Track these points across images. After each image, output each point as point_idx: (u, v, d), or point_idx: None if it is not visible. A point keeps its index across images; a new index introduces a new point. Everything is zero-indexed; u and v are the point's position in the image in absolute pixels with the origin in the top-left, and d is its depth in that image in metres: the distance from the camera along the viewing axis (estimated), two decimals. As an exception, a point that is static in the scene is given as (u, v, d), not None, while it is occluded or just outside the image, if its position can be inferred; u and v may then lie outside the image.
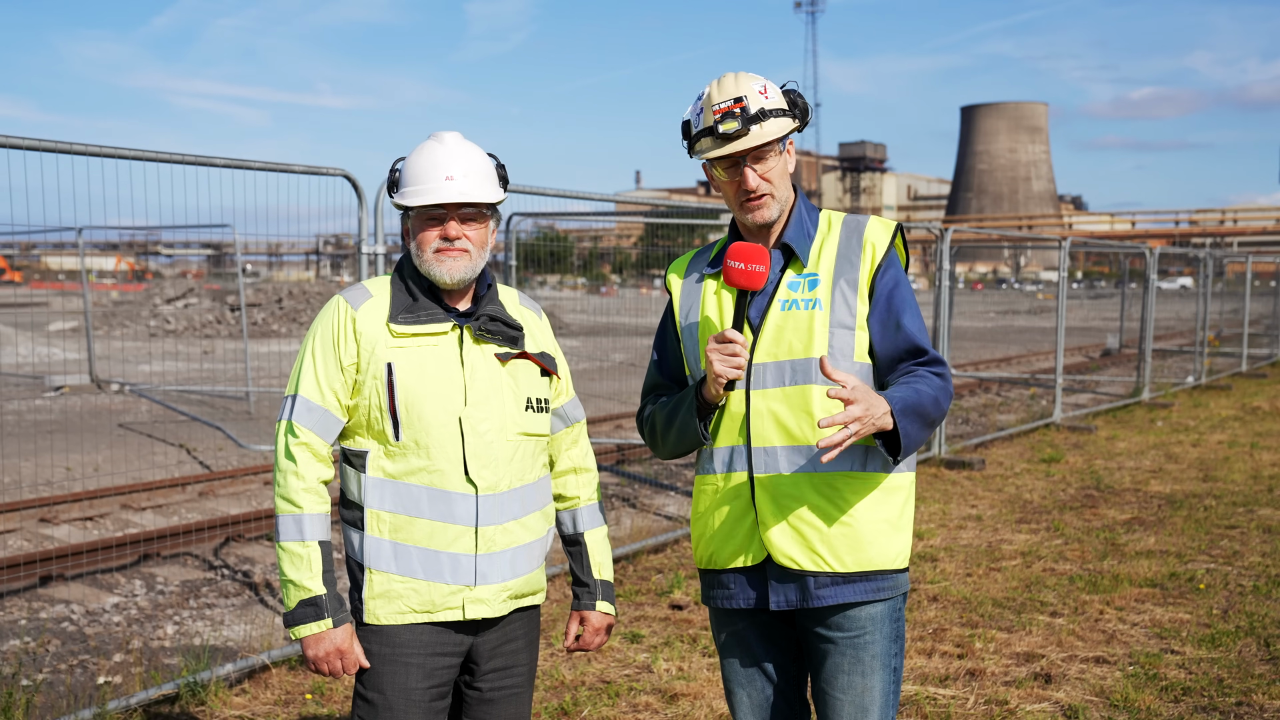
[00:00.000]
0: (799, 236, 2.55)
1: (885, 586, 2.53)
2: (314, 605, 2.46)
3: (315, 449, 2.51)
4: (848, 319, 2.49)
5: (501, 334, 2.60)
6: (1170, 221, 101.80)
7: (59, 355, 20.90)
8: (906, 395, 2.40)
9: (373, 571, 2.52)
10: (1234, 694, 4.67)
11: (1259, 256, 29.05)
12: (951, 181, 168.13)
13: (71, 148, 4.33)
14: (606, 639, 2.84)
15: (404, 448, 2.51)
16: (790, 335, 2.49)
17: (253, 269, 40.23)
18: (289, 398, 2.55)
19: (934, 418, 2.45)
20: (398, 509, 2.51)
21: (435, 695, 2.57)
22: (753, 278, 2.44)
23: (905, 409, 2.37)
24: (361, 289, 2.61)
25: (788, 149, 2.55)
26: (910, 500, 2.59)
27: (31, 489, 8.94)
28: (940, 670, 4.92)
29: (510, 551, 2.59)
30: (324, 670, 2.51)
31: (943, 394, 2.47)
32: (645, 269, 30.39)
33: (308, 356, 2.56)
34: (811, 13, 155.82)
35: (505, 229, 8.68)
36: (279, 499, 2.50)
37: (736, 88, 2.47)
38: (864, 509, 2.49)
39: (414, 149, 2.61)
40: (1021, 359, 23.21)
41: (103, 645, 5.47)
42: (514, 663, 2.67)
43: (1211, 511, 8.12)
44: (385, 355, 2.52)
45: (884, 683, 2.56)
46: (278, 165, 5.20)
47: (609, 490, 9.19)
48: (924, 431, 2.44)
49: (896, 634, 2.59)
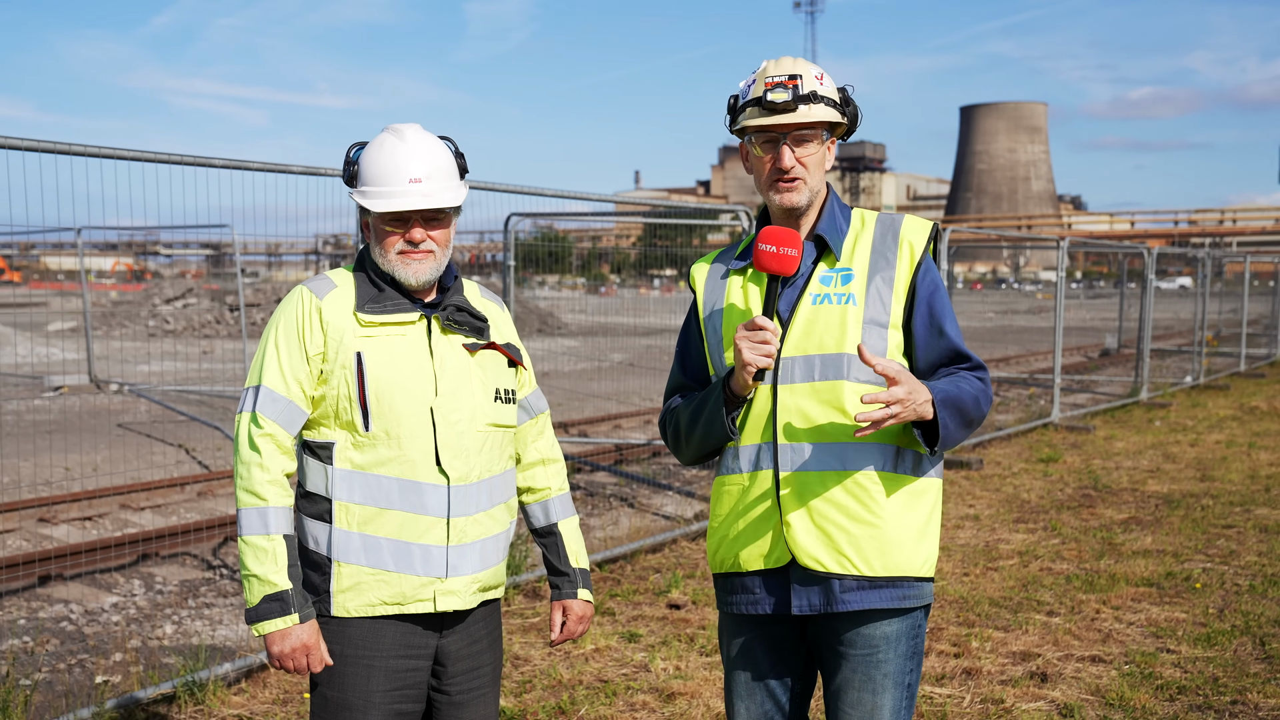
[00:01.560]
0: (832, 229, 2.50)
1: (910, 595, 2.46)
2: (279, 600, 2.40)
3: (279, 441, 2.45)
4: (882, 316, 2.44)
5: (468, 324, 2.58)
6: (1169, 221, 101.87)
7: (58, 355, 20.90)
8: (948, 388, 2.39)
9: (341, 564, 2.48)
10: (1229, 693, 4.68)
11: (1258, 256, 29.07)
12: (951, 181, 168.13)
13: (70, 148, 4.34)
14: (589, 627, 2.84)
15: (374, 438, 2.47)
16: (821, 330, 2.43)
17: (252, 269, 40.23)
18: (251, 389, 2.49)
19: (973, 417, 2.44)
20: (367, 501, 2.47)
21: (398, 699, 2.52)
22: (785, 261, 2.37)
23: (946, 400, 2.36)
24: (325, 279, 2.56)
25: (829, 145, 2.51)
26: (937, 507, 2.53)
27: (30, 489, 8.94)
28: (937, 669, 4.93)
29: (480, 543, 2.57)
30: (289, 667, 2.45)
31: (984, 396, 2.45)
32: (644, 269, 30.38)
33: (270, 347, 2.50)
34: (811, 13, 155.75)
35: (504, 229, 8.68)
36: (242, 491, 2.45)
37: (794, 66, 2.46)
38: (892, 511, 2.43)
39: (373, 141, 2.55)
40: (1020, 359, 23.22)
41: (101, 645, 5.48)
42: (480, 663, 2.66)
43: (1208, 511, 8.13)
44: (354, 345, 2.48)
45: (895, 701, 2.48)
46: (277, 165, 5.21)
47: (607, 490, 9.20)
48: (963, 429, 2.42)
49: (913, 650, 2.51)
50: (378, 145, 2.53)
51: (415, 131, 2.54)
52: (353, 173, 2.55)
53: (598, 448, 10.69)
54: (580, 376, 18.29)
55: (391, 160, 2.49)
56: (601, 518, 8.18)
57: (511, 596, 5.94)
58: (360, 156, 2.54)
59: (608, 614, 5.73)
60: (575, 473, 9.88)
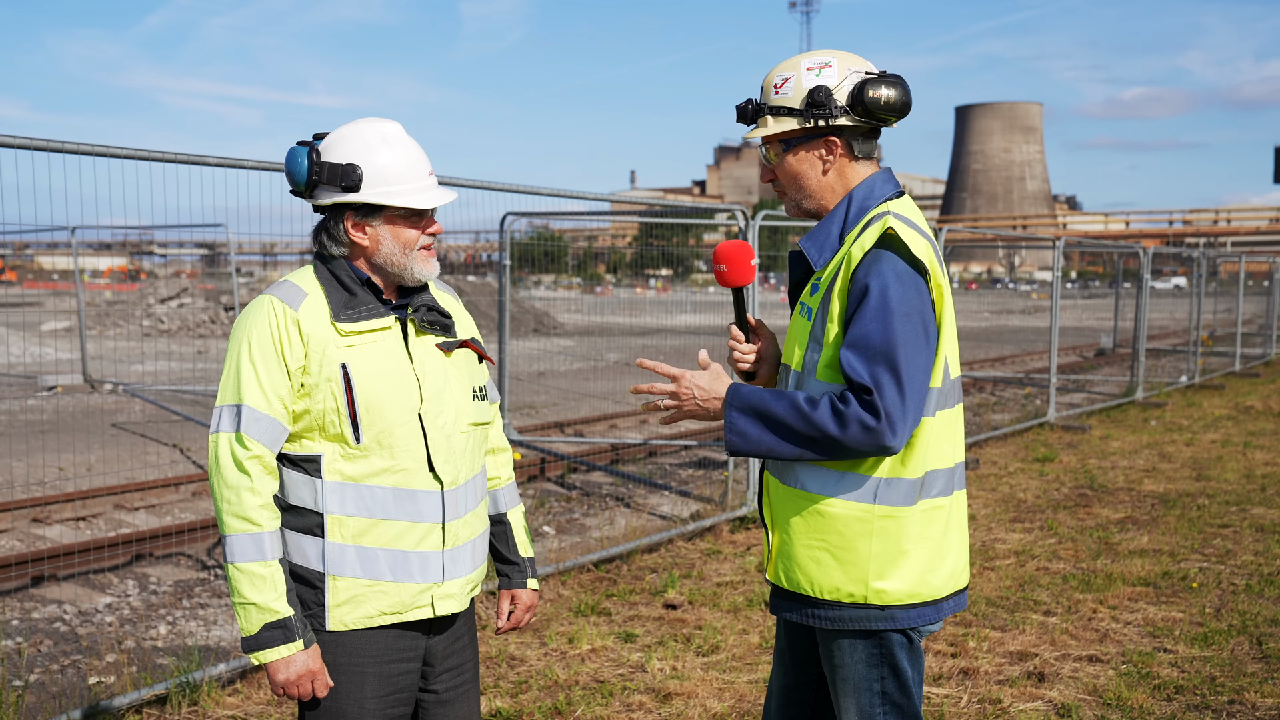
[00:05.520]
0: (813, 240, 2.45)
1: (824, 617, 2.41)
2: (282, 628, 2.35)
3: (266, 462, 2.37)
4: (818, 332, 2.38)
5: (438, 324, 2.55)
6: (1164, 221, 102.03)
7: (52, 355, 20.86)
8: (760, 394, 2.35)
9: (336, 578, 2.42)
10: (1226, 692, 4.68)
11: (1252, 256, 29.12)
12: (946, 181, 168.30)
13: (64, 146, 4.32)
14: (534, 615, 2.88)
15: (365, 449, 2.41)
16: (791, 340, 2.49)
17: (247, 269, 40.17)
18: (230, 407, 2.38)
19: (796, 429, 2.28)
20: (361, 512, 2.41)
21: (390, 704, 2.50)
22: (734, 277, 2.56)
23: (747, 406, 2.34)
24: (292, 287, 2.45)
25: (811, 151, 2.44)
26: (874, 536, 2.35)
27: (24, 489, 8.92)
28: (934, 669, 4.92)
29: (470, 544, 2.57)
30: (293, 694, 2.39)
31: (822, 414, 2.25)
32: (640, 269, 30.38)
33: (245, 363, 2.38)
34: (806, 13, 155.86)
35: (499, 228, 8.67)
36: (231, 517, 2.35)
37: (774, 72, 2.45)
38: (798, 529, 2.41)
39: (356, 141, 2.43)
40: (1016, 359, 23.24)
41: (95, 645, 5.46)
42: (464, 659, 2.66)
43: (1205, 510, 8.14)
44: (337, 356, 2.40)
45: (860, 706, 2.44)
46: (272, 165, 5.18)
47: (603, 490, 9.19)
48: (776, 439, 2.31)
49: (880, 659, 2.42)
50: (385, 144, 2.43)
51: (397, 127, 2.50)
52: (358, 177, 2.39)
53: (593, 447, 10.67)
54: (576, 376, 18.26)
55: (407, 156, 2.45)
56: (597, 517, 8.16)
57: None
58: (356, 159, 2.41)
59: (604, 614, 5.72)
60: (571, 472, 9.87)
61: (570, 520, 8.17)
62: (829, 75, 2.38)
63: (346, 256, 2.48)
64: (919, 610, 2.40)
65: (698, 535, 7.36)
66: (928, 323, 2.30)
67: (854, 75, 2.38)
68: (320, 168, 2.41)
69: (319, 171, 2.41)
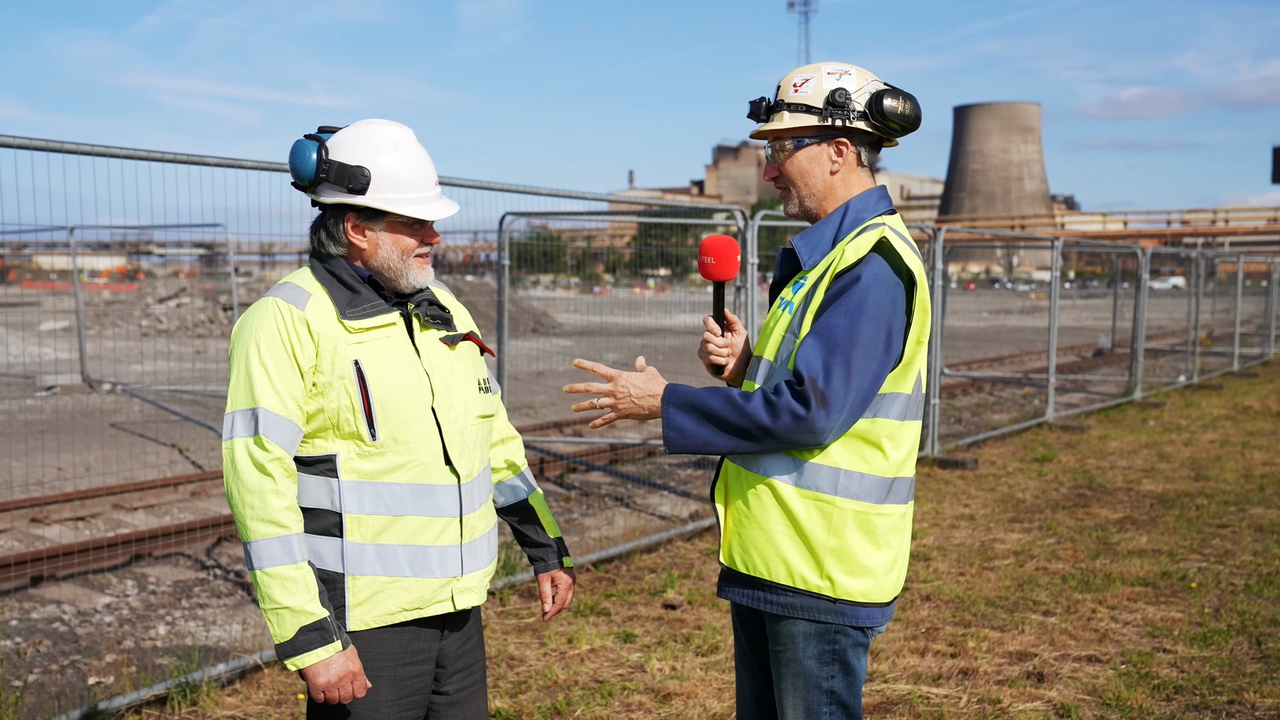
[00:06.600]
0: (807, 240, 2.52)
1: (776, 603, 2.45)
2: (319, 630, 2.31)
3: (286, 464, 2.34)
4: (795, 325, 2.44)
5: (440, 318, 2.56)
6: (1162, 221, 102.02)
7: (50, 355, 20.84)
8: (696, 391, 2.41)
9: (355, 577, 2.40)
10: (1225, 692, 4.68)
11: (1250, 256, 29.15)
12: (944, 181, 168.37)
13: (63, 146, 4.31)
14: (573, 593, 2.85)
15: (381, 446, 2.39)
16: (767, 332, 2.54)
17: (245, 269, 40.15)
18: (244, 411, 2.35)
19: (728, 420, 2.34)
20: (380, 510, 2.40)
21: (404, 707, 2.49)
22: (720, 269, 2.63)
23: (684, 402, 2.39)
24: (295, 288, 2.43)
25: (823, 150, 2.49)
26: (838, 529, 2.39)
27: (23, 489, 8.91)
28: (933, 669, 4.92)
29: (486, 536, 2.57)
30: (334, 697, 2.34)
31: (755, 405, 2.31)
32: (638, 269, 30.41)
33: (255, 366, 2.35)
34: (804, 13, 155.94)
35: (498, 228, 8.67)
36: (256, 522, 2.31)
37: (791, 74, 2.52)
38: (755, 509, 2.45)
39: (366, 144, 2.41)
40: (1014, 359, 23.25)
41: (94, 645, 5.45)
42: (474, 659, 2.66)
43: (1203, 510, 8.14)
44: (349, 354, 2.38)
45: (807, 702, 2.46)
46: (270, 164, 5.18)
47: (602, 490, 9.19)
48: (704, 428, 2.37)
49: (832, 657, 2.45)
50: (396, 150, 2.43)
51: (409, 133, 2.49)
52: (366, 180, 2.38)
53: (592, 447, 10.67)
54: (575, 376, 18.26)
55: (416, 164, 2.45)
56: (596, 517, 8.16)
57: (507, 596, 5.93)
58: (365, 162, 2.40)
59: (603, 614, 5.72)
60: (570, 472, 9.87)
61: (569, 520, 8.17)
62: (849, 81, 2.48)
63: (345, 256, 2.48)
64: (868, 611, 2.45)
65: (697, 535, 7.36)
66: (892, 333, 2.35)
67: (872, 85, 2.48)
68: (329, 165, 2.40)
69: (327, 169, 2.40)
